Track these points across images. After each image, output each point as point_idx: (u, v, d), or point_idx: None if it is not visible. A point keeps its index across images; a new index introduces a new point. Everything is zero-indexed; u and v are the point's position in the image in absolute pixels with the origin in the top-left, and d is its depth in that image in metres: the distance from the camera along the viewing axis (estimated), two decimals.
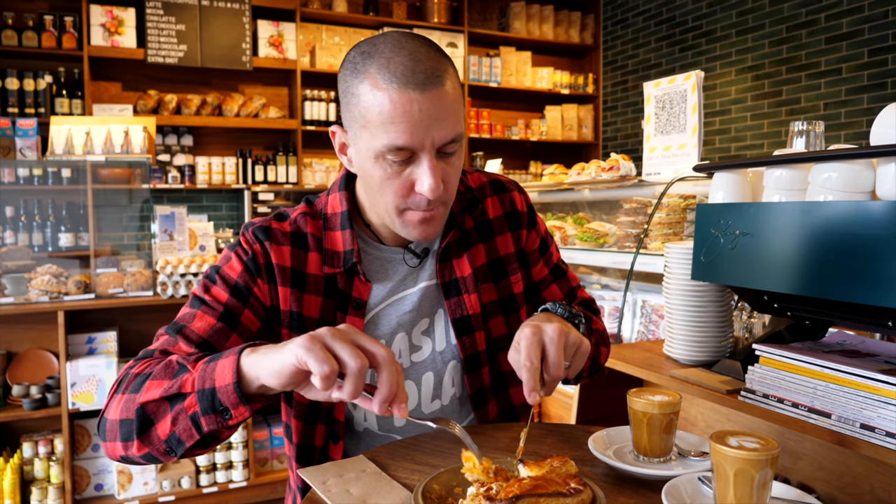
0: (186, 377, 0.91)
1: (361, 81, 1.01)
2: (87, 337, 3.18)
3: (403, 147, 0.99)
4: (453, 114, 1.02)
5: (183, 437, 0.91)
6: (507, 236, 1.28)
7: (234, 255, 1.15)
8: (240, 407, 0.88)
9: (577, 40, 6.47)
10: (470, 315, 1.21)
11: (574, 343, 1.01)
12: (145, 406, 0.93)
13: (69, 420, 3.05)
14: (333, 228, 1.18)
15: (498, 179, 1.33)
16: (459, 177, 1.11)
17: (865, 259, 1.16)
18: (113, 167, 3.75)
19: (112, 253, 3.64)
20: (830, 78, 4.35)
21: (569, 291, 1.37)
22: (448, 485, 0.88)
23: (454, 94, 1.03)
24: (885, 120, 1.26)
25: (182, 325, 1.08)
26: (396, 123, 0.98)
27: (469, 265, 1.22)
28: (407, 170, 1.03)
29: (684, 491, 0.85)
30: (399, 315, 1.19)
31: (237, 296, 1.11)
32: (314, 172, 5.53)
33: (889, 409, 1.13)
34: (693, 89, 2.43)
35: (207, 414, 0.89)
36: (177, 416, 0.91)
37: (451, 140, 1.02)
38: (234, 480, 3.37)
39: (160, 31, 4.86)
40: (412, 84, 0.97)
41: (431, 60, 1.00)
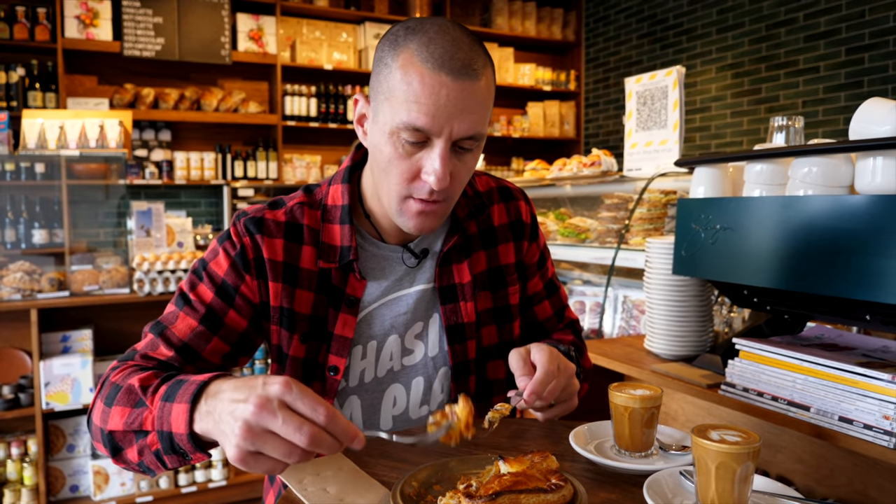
0: (146, 415, 0.90)
1: (398, 54, 0.99)
2: (61, 335, 3.13)
3: (421, 129, 0.97)
4: (479, 111, 1.00)
5: (152, 467, 0.93)
6: (510, 246, 1.26)
7: (221, 250, 1.11)
8: (197, 453, 0.87)
9: (559, 37, 6.48)
10: (465, 323, 1.18)
11: (569, 393, 1.06)
12: (113, 434, 0.94)
13: (43, 420, 3.00)
14: (332, 221, 1.15)
15: (506, 186, 1.31)
16: (469, 178, 1.09)
17: (844, 253, 1.17)
18: (88, 162, 3.69)
19: (87, 250, 3.58)
20: (808, 76, 4.39)
21: (558, 309, 1.36)
22: (427, 482, 0.87)
23: (486, 93, 1.01)
24: (863, 115, 1.27)
25: (164, 327, 1.07)
26: (420, 103, 0.96)
27: (469, 272, 1.20)
28: (418, 154, 1.01)
29: (666, 485, 0.85)
30: (393, 316, 1.16)
31: (222, 296, 1.09)
32: (294, 168, 5.48)
33: (866, 401, 1.14)
34: (674, 85, 2.44)
35: (168, 454, 0.88)
36: (142, 450, 0.92)
37: (469, 136, 1.00)
38: (213, 480, 3.33)
39: (137, 23, 4.78)
40: (447, 68, 0.96)
41: (473, 53, 0.99)
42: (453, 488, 0.81)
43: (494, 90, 1.06)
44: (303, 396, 0.77)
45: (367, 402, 1.16)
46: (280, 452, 0.76)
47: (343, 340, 1.13)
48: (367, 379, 1.16)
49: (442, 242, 1.20)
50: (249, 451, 0.76)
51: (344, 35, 5.66)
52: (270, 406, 0.76)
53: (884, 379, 1.11)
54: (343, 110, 5.52)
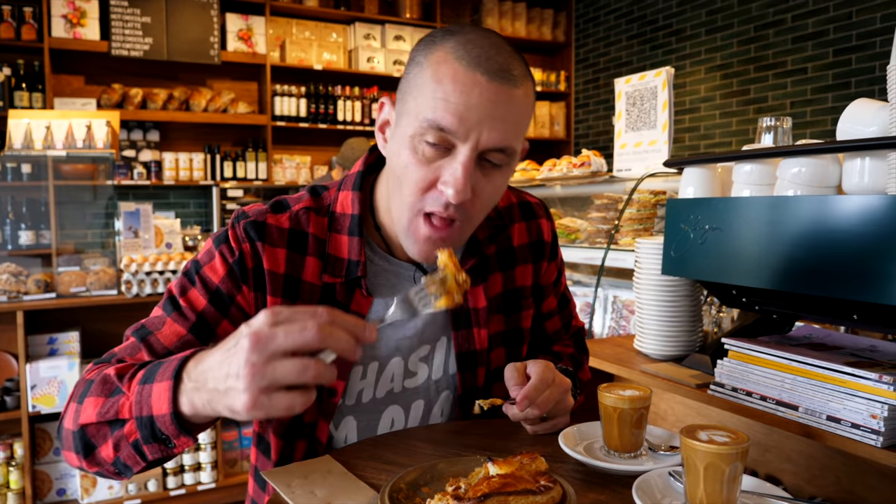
0: (123, 401, 0.83)
1: (432, 52, 0.91)
2: (48, 338, 3.10)
3: (445, 129, 0.89)
4: (514, 121, 0.92)
5: (129, 463, 0.85)
6: (528, 268, 1.20)
7: (218, 255, 1.01)
8: (181, 437, 0.80)
9: (549, 38, 6.49)
10: (477, 350, 1.12)
11: (562, 409, 1.06)
12: (85, 428, 0.86)
13: (29, 423, 2.97)
14: (340, 231, 1.05)
15: (527, 201, 1.24)
16: (495, 199, 0.99)
17: (832, 253, 1.17)
18: (75, 162, 3.66)
19: (75, 251, 3.55)
20: (796, 77, 4.41)
21: (567, 321, 1.33)
22: (415, 484, 0.86)
23: (523, 105, 0.93)
24: (850, 116, 1.27)
25: (149, 332, 0.99)
26: (449, 101, 0.88)
27: (484, 296, 1.13)
28: (439, 161, 0.91)
29: (655, 486, 0.85)
30: (398, 339, 1.09)
31: (216, 303, 1.00)
32: (284, 169, 5.46)
33: (854, 400, 1.14)
34: (663, 86, 2.44)
35: (149, 443, 0.81)
36: (118, 443, 0.84)
37: (499, 148, 0.91)
38: (202, 482, 3.31)
39: (125, 23, 4.75)
40: (483, 67, 0.88)
41: (513, 59, 0.92)
42: (442, 490, 0.81)
43: (533, 110, 0.98)
44: (294, 310, 0.72)
45: (363, 423, 1.10)
46: (294, 371, 0.70)
47: (344, 362, 1.03)
48: (365, 399, 1.09)
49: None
50: (261, 388, 0.70)
51: (334, 35, 5.64)
52: (264, 332, 0.70)
53: (871, 378, 1.11)
54: (333, 111, 5.51)
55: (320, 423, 1.06)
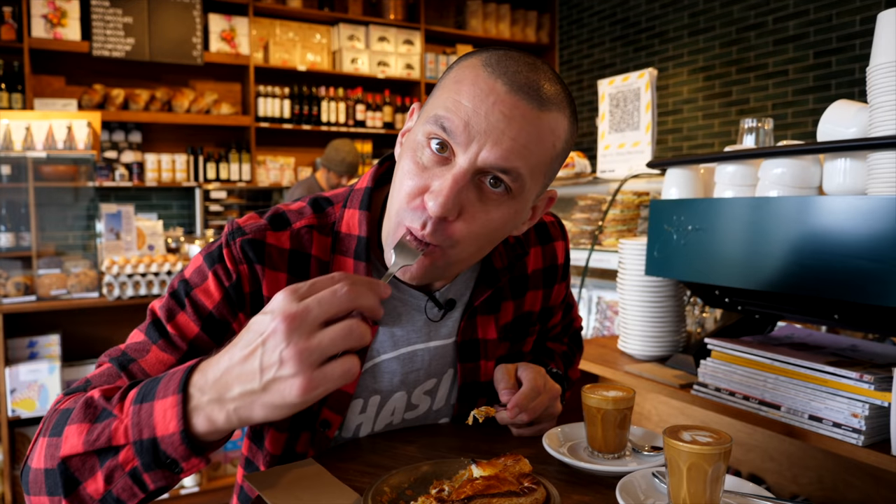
0: (115, 425, 0.72)
1: (467, 59, 0.86)
2: (28, 341, 3.06)
3: (448, 131, 0.81)
4: (525, 145, 0.81)
5: (123, 497, 0.73)
6: (539, 294, 1.15)
7: (212, 276, 0.91)
8: (192, 459, 0.71)
9: (533, 39, 6.51)
10: (482, 382, 1.08)
11: (550, 415, 1.05)
12: (67, 461, 0.73)
13: (9, 428, 2.93)
14: (345, 254, 0.96)
15: (543, 223, 1.16)
16: (489, 235, 0.87)
17: (813, 253, 1.18)
18: (56, 164, 3.62)
19: (55, 253, 3.51)
20: (778, 79, 4.45)
21: (566, 324, 1.30)
22: (399, 487, 0.86)
23: (546, 134, 0.83)
24: (831, 117, 1.29)
25: (130, 359, 0.87)
26: (461, 103, 0.81)
27: (495, 327, 1.07)
28: (434, 171, 0.83)
29: (638, 487, 0.85)
30: (404, 373, 1.02)
31: (210, 330, 0.90)
32: (268, 170, 5.43)
33: (836, 400, 1.15)
34: (646, 87, 2.45)
35: (151, 470, 0.71)
36: (111, 474, 0.72)
37: (501, 168, 0.81)
38: (185, 486, 3.28)
39: (106, 23, 4.70)
40: (506, 78, 0.81)
41: (548, 82, 0.84)
42: (425, 493, 0.80)
43: (563, 152, 0.88)
44: (310, 282, 0.67)
45: None
46: (341, 336, 0.65)
47: (342, 395, 0.98)
48: (363, 433, 1.05)
49: (471, 293, 1.05)
50: (314, 365, 0.64)
51: (318, 36, 5.62)
52: (295, 309, 0.64)
53: (852, 377, 1.13)
54: (317, 112, 5.49)
55: (309, 453, 1.02)
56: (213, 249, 0.94)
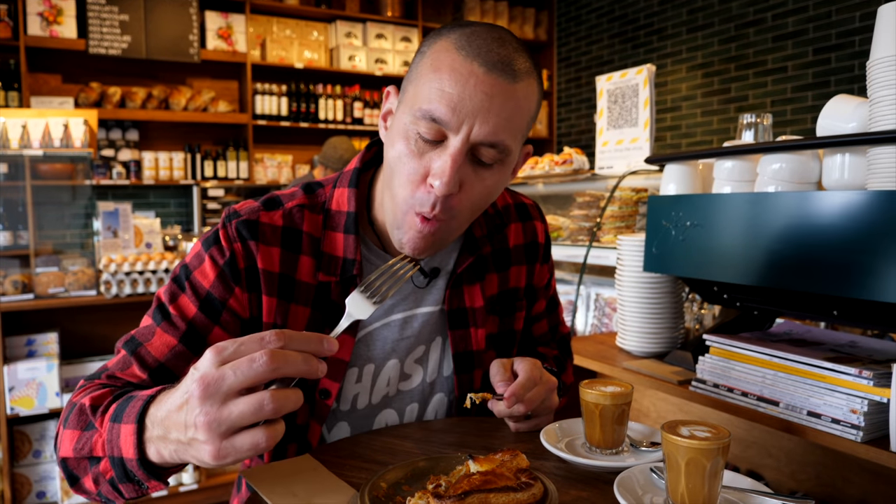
0: (96, 438, 0.82)
1: (437, 42, 0.91)
2: (26, 339, 3.05)
3: (438, 120, 0.87)
4: (508, 116, 0.89)
5: (110, 497, 0.84)
6: (522, 269, 1.19)
7: (208, 258, 0.98)
8: (152, 481, 0.78)
9: (531, 36, 6.50)
10: (474, 351, 1.11)
11: (547, 408, 1.05)
12: (66, 461, 0.85)
13: (7, 426, 2.93)
14: (335, 229, 1.03)
15: (524, 203, 1.24)
16: (485, 200, 0.96)
17: (812, 249, 1.17)
18: (52, 162, 3.61)
19: (53, 251, 3.50)
20: (777, 76, 4.45)
21: (553, 325, 1.32)
22: (396, 483, 0.85)
23: (522, 101, 0.90)
24: (830, 112, 1.28)
25: (139, 343, 0.95)
26: (444, 91, 0.86)
27: (482, 296, 1.11)
28: (430, 153, 0.90)
29: (636, 482, 0.84)
30: (395, 340, 1.07)
31: (207, 310, 0.96)
32: (266, 168, 5.42)
33: (834, 396, 1.15)
34: (645, 83, 2.45)
35: (123, 482, 0.79)
36: (97, 479, 0.83)
37: (490, 142, 0.89)
38: (184, 483, 3.27)
39: (102, 20, 4.69)
40: (482, 59, 0.87)
41: (517, 54, 0.90)
42: (422, 488, 0.80)
43: (535, 111, 0.95)
44: (239, 341, 0.68)
45: (356, 429, 1.09)
46: (250, 410, 0.66)
47: (338, 363, 1.02)
48: (361, 405, 1.08)
49: (455, 262, 1.11)
50: (222, 435, 0.67)
51: (315, 33, 5.61)
52: (211, 375, 0.67)
53: (851, 373, 1.12)
54: (314, 109, 5.48)
55: (312, 426, 1.04)
56: (210, 234, 1.01)
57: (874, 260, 1.07)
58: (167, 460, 0.75)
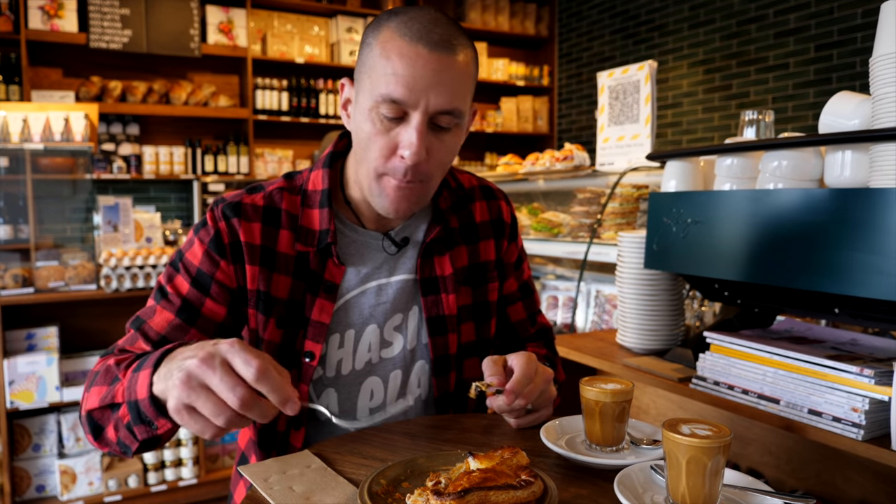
0: (118, 387, 0.93)
1: (379, 32, 1.01)
2: (25, 333, 3.05)
3: (397, 100, 0.98)
4: (456, 85, 1.01)
5: (127, 442, 0.93)
6: (490, 243, 1.27)
7: (196, 240, 1.10)
8: (160, 419, 0.87)
9: (532, 32, 6.48)
10: (446, 315, 1.18)
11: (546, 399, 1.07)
12: (91, 413, 0.96)
13: (7, 420, 2.93)
14: (311, 206, 1.14)
15: (488, 186, 1.32)
16: (449, 158, 1.08)
17: (813, 246, 1.17)
18: (53, 156, 3.60)
19: (53, 245, 3.50)
20: (778, 72, 4.44)
21: (532, 313, 1.36)
22: (396, 480, 0.85)
23: (464, 69, 1.02)
24: (832, 109, 1.28)
25: (143, 321, 1.07)
26: (398, 75, 0.97)
27: (451, 265, 1.20)
28: (396, 129, 1.01)
29: (636, 480, 0.84)
30: (372, 306, 1.15)
31: (198, 286, 1.08)
32: (266, 163, 5.41)
33: (835, 394, 1.14)
34: (646, 79, 2.44)
35: (137, 424, 0.89)
36: (117, 424, 0.93)
37: (446, 110, 1.01)
38: (183, 478, 3.28)
39: (103, 14, 4.68)
40: (424, 41, 0.98)
41: (451, 30, 1.01)
42: (422, 485, 0.80)
43: (476, 73, 1.06)
44: (240, 352, 0.79)
45: (343, 395, 1.15)
46: (210, 410, 0.78)
47: (319, 326, 1.11)
48: (345, 371, 1.15)
49: (424, 233, 1.19)
50: (184, 402, 0.79)
51: (316, 28, 5.60)
52: (213, 361, 0.78)
53: (852, 372, 1.12)
54: (315, 104, 5.47)
55: (300, 387, 1.12)
56: (200, 221, 1.13)
57: (876, 257, 1.07)
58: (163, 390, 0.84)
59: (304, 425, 1.13)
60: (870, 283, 1.08)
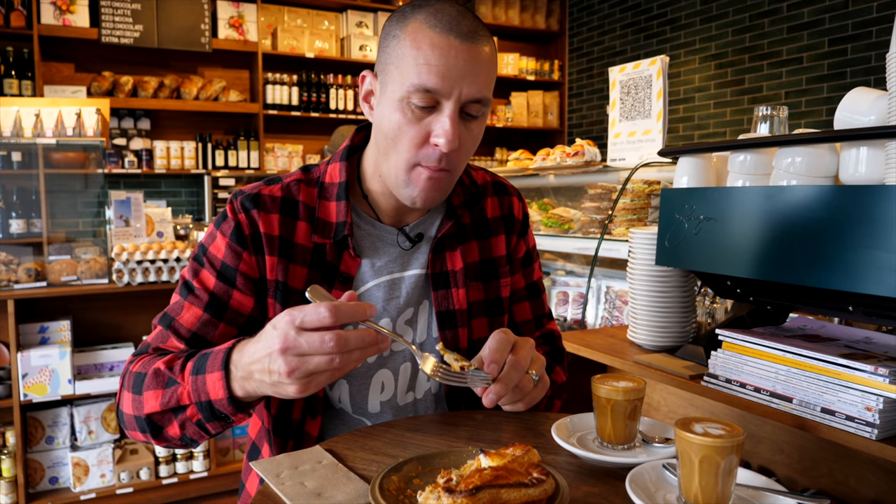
0: (181, 391, 0.97)
1: (406, 25, 1.02)
2: (39, 326, 3.07)
3: (432, 90, 1.00)
4: (486, 74, 1.03)
5: (195, 437, 1.00)
6: (501, 239, 1.27)
7: (218, 233, 1.11)
8: (238, 414, 0.95)
9: (542, 26, 6.46)
10: (456, 310, 1.18)
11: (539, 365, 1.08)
12: (151, 416, 1.00)
13: (21, 412, 2.96)
14: (328, 198, 1.15)
15: (501, 181, 1.33)
16: (474, 147, 1.10)
17: (827, 244, 1.16)
18: (65, 150, 3.63)
19: (66, 240, 3.53)
20: (792, 67, 4.40)
21: (538, 315, 1.34)
22: (407, 476, 0.85)
23: (490, 59, 1.04)
24: (848, 105, 1.26)
25: (172, 318, 1.09)
26: (431, 65, 0.99)
27: (462, 260, 1.20)
28: (427, 118, 1.02)
29: (648, 478, 0.84)
30: (385, 300, 1.16)
31: (224, 279, 1.09)
32: (276, 158, 5.43)
33: (849, 392, 1.13)
34: (658, 74, 2.42)
35: (211, 421, 0.96)
36: (183, 423, 0.98)
37: (478, 99, 1.03)
38: (194, 471, 3.30)
39: (115, 10, 4.69)
40: (455, 32, 1.00)
41: (476, 23, 1.04)
42: (433, 482, 0.80)
43: (496, 63, 1.09)
44: (302, 311, 0.84)
45: (355, 387, 1.15)
46: (324, 364, 0.84)
47: None
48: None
49: (436, 228, 1.20)
50: (302, 380, 0.85)
51: (326, 23, 5.60)
52: (289, 339, 0.84)
53: (866, 370, 1.11)
54: (325, 99, 5.47)
55: None
56: (220, 214, 1.14)
57: (891, 255, 1.06)
58: (251, 393, 0.92)
59: (319, 413, 1.13)
60: (885, 280, 1.07)
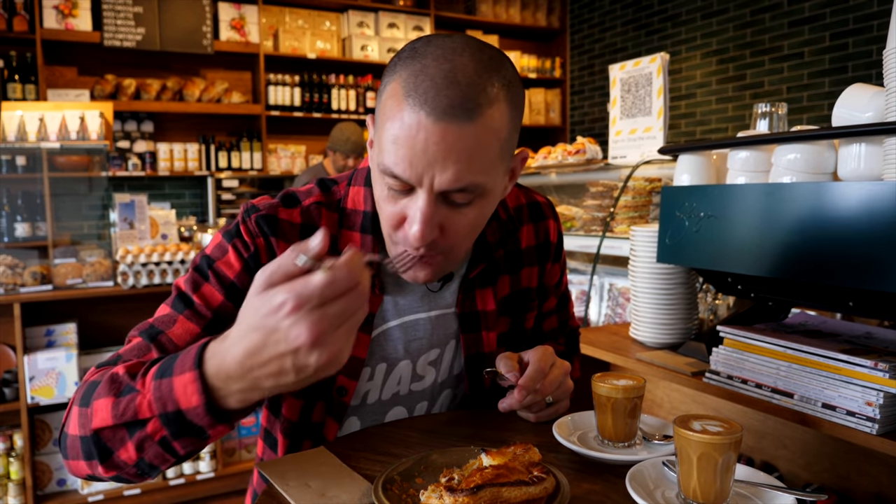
0: (139, 400, 0.77)
1: (392, 79, 0.86)
2: (45, 329, 3.09)
3: (398, 176, 0.85)
4: (469, 158, 0.84)
5: (156, 462, 0.79)
6: (534, 270, 1.19)
7: (231, 249, 0.98)
8: (218, 427, 0.75)
9: (544, 24, 6.45)
10: (486, 353, 1.12)
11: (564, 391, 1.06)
12: (100, 433, 0.79)
13: (28, 415, 2.98)
14: (352, 228, 1.03)
15: (536, 202, 1.21)
16: (474, 229, 0.95)
17: (827, 240, 1.17)
18: (69, 154, 3.64)
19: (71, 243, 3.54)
20: (793, 62, 4.39)
21: (563, 321, 1.31)
22: (409, 475, 0.86)
23: (481, 139, 0.84)
24: (846, 101, 1.27)
25: (159, 331, 0.93)
26: (398, 145, 0.83)
27: (493, 298, 1.12)
28: (404, 200, 0.89)
29: (648, 476, 0.85)
30: (408, 341, 1.08)
31: (233, 298, 0.96)
32: (279, 159, 5.44)
33: (850, 388, 1.14)
34: (658, 72, 2.43)
35: (180, 437, 0.76)
36: (141, 444, 0.77)
37: (457, 188, 0.85)
38: (201, 472, 3.32)
39: (117, 13, 4.71)
40: (428, 107, 0.81)
41: (471, 88, 0.82)
42: (435, 481, 0.81)
43: (509, 131, 0.89)
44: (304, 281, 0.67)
45: (366, 423, 1.11)
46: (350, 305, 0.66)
47: (356, 361, 1.03)
48: (371, 400, 1.09)
49: (467, 267, 1.10)
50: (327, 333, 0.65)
51: (327, 23, 5.61)
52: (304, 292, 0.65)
53: (867, 366, 1.12)
54: (327, 99, 5.48)
55: (329, 423, 1.06)
56: (231, 227, 1.01)
57: (890, 251, 1.06)
58: (237, 396, 0.73)
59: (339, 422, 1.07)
60: (884, 276, 1.07)
